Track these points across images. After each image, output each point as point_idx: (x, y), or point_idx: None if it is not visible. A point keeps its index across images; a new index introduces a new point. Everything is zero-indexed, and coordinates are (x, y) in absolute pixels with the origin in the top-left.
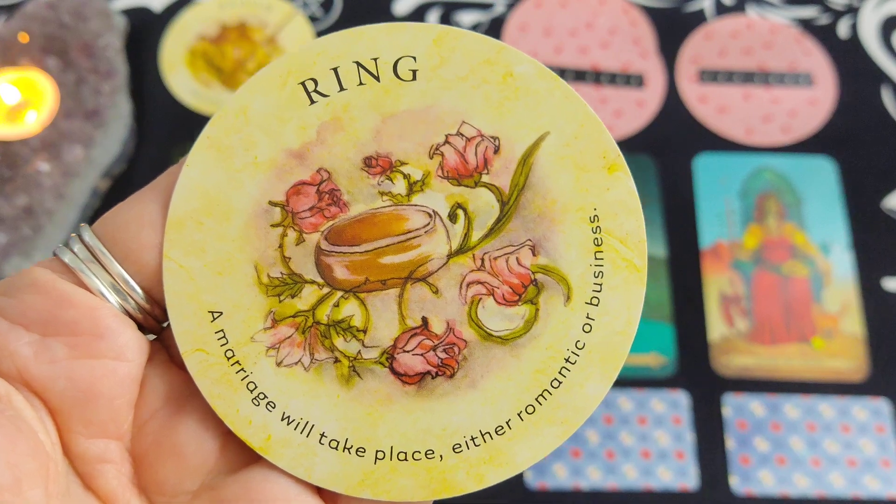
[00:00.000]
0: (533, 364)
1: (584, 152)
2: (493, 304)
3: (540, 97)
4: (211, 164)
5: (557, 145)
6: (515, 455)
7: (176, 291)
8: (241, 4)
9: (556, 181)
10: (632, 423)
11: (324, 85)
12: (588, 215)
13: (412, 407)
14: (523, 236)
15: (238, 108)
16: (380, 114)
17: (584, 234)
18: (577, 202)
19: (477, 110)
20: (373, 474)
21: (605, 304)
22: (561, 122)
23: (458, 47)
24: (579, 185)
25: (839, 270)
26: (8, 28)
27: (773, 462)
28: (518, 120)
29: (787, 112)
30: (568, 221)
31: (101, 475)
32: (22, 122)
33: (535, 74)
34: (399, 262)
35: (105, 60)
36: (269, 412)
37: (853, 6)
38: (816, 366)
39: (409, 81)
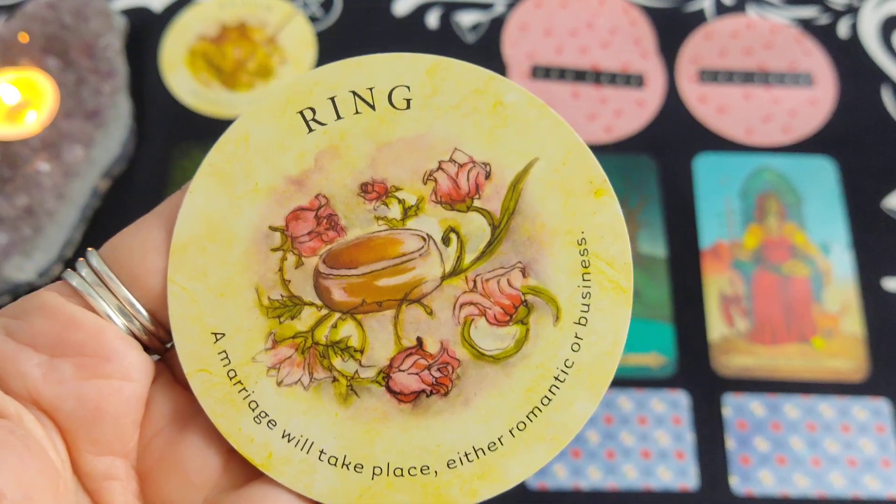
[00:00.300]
0: (524, 383)
1: (572, 178)
2: (486, 325)
3: (529, 124)
4: (213, 190)
5: (546, 171)
6: (507, 471)
7: (180, 314)
8: (242, 4)
9: (545, 206)
10: (632, 423)
11: (321, 114)
12: (576, 238)
13: (408, 424)
14: (514, 259)
15: (239, 136)
16: (375, 141)
17: (572, 256)
18: (566, 226)
19: (468, 138)
20: (370, 490)
21: (592, 324)
22: (549, 149)
23: (449, 77)
24: (567, 209)
25: (839, 270)
26: (8, 28)
27: (773, 462)
28: (508, 147)
29: (788, 112)
30: (556, 244)
31: (107, 492)
32: (22, 122)
33: (524, 103)
34: (394, 284)
35: (105, 60)
36: (270, 430)
37: (853, 6)
38: (816, 366)
39: (404, 110)
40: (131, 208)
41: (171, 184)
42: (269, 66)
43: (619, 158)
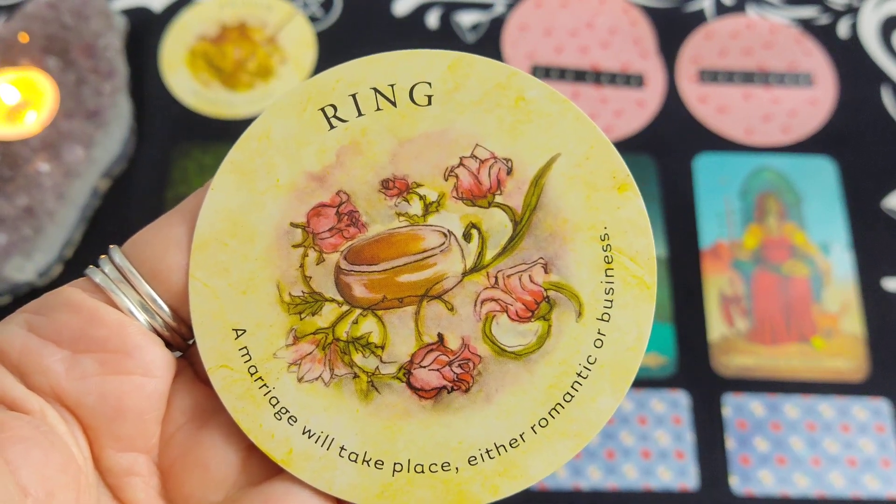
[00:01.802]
0: (546, 379)
1: (595, 172)
2: (507, 321)
3: (551, 120)
4: (235, 187)
5: (568, 166)
6: (529, 467)
7: (201, 310)
8: (242, 4)
9: (567, 201)
10: (632, 423)
11: (343, 111)
12: (599, 234)
13: (429, 421)
14: (535, 255)
15: (260, 132)
16: (396, 138)
17: (595, 252)
18: (588, 221)
19: (490, 133)
20: (391, 486)
21: (615, 320)
22: (571, 144)
23: (471, 73)
24: (590, 204)
25: (839, 270)
26: (8, 28)
27: (773, 462)
28: (530, 142)
29: (787, 112)
30: (579, 240)
31: (129, 487)
32: (22, 123)
33: (547, 98)
34: (416, 280)
35: (105, 60)
36: (290, 426)
37: (853, 6)
38: (816, 366)
39: (425, 106)
40: (131, 208)
41: (171, 184)
42: (270, 66)
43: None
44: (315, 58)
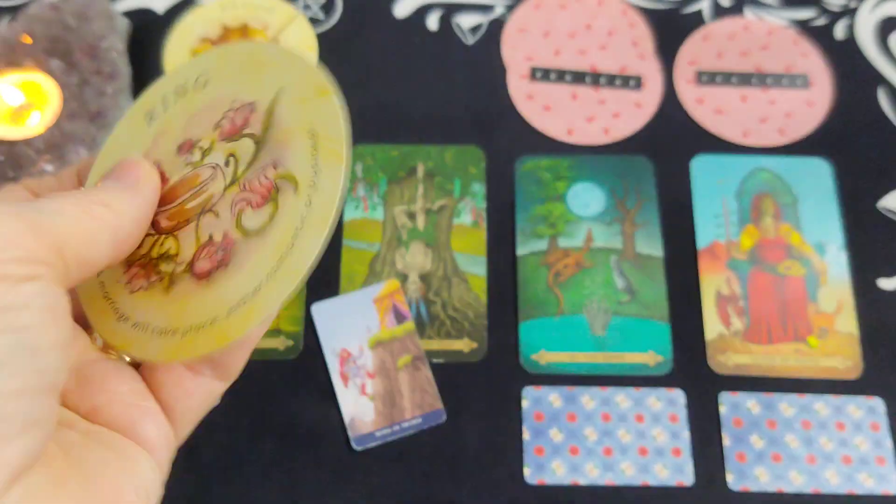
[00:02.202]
0: (275, 241)
1: (305, 90)
2: (251, 211)
3: (282, 69)
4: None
5: (289, 94)
6: (266, 303)
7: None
8: (243, 6)
9: (288, 116)
10: (629, 421)
11: (157, 111)
12: (308, 130)
13: (205, 294)
14: (269, 160)
15: (110, 142)
16: (187, 115)
17: (305, 143)
18: (301, 124)
19: (242, 89)
20: (182, 344)
21: (320, 185)
22: (293, 79)
23: (233, 55)
24: (302, 112)
25: (834, 270)
26: (12, 29)
27: (768, 459)
28: (265, 87)
29: (784, 113)
30: (296, 139)
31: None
32: (26, 124)
33: (279, 54)
34: (196, 203)
35: (108, 62)
36: (124, 323)
37: (850, 8)
38: (812, 364)
39: (203, 88)
40: None
41: None
42: None
43: (617, 159)
44: (316, 59)
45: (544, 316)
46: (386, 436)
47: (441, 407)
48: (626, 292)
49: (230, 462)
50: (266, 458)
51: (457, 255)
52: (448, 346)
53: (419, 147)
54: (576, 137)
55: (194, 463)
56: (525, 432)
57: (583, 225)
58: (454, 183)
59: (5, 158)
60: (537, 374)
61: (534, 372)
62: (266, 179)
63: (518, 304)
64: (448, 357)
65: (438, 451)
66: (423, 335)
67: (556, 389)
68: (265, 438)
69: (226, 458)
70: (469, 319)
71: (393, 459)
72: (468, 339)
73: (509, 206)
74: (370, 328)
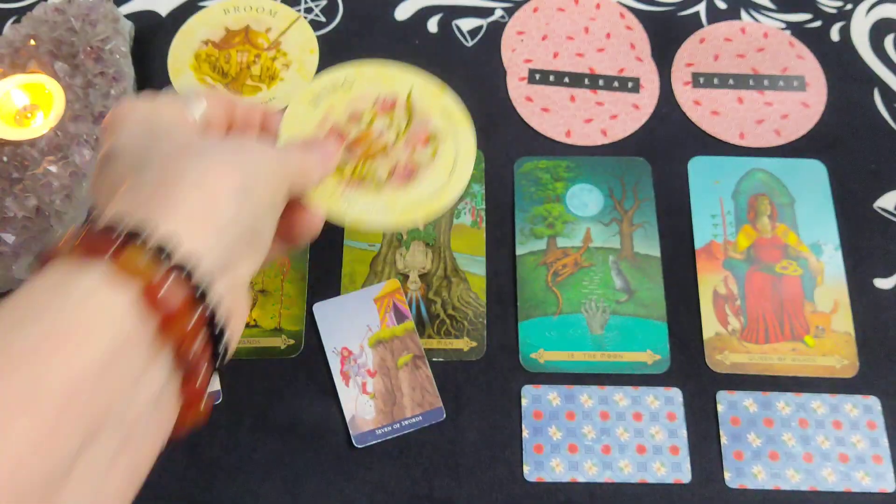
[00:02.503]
0: (443, 165)
1: (428, 87)
2: (419, 150)
3: (404, 76)
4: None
5: (419, 90)
6: (449, 198)
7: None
8: (246, 9)
9: (422, 102)
10: (627, 419)
11: (320, 98)
12: (440, 110)
13: (405, 193)
14: (420, 124)
15: (287, 116)
16: (346, 100)
17: (442, 116)
18: (435, 107)
19: (381, 89)
20: (398, 219)
21: (460, 137)
22: (416, 81)
23: (366, 68)
24: (432, 100)
25: (831, 270)
26: (17, 32)
27: (765, 457)
28: (398, 87)
29: (780, 115)
30: (435, 114)
31: None
32: (31, 125)
33: (400, 67)
34: (380, 146)
35: (113, 64)
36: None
37: (845, 11)
38: (808, 363)
39: (350, 88)
40: None
41: None
42: (274, 71)
43: (615, 160)
44: (318, 62)
45: (543, 315)
46: (386, 433)
47: (441, 405)
48: (624, 292)
49: (232, 459)
50: (268, 455)
51: (457, 254)
52: (448, 344)
53: None
54: (574, 139)
55: (197, 460)
56: (524, 430)
57: (581, 225)
58: None
59: (9, 159)
60: (536, 372)
61: (533, 370)
62: (424, 133)
63: (517, 304)
64: (448, 356)
65: (438, 449)
66: (423, 334)
67: (555, 388)
68: (267, 436)
69: (228, 455)
70: (469, 318)
71: (393, 457)
72: (468, 338)
73: (508, 206)
74: (371, 327)
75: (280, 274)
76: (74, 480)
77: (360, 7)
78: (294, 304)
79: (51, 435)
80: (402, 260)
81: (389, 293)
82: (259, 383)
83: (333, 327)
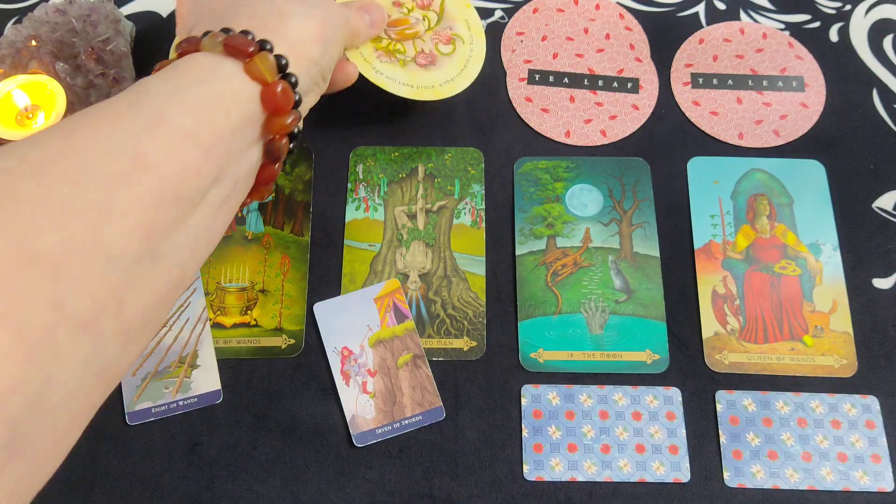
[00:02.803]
0: (459, 58)
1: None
2: (442, 45)
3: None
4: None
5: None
6: (460, 84)
7: None
8: None
9: (453, 8)
10: (626, 419)
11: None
12: (464, 20)
13: (425, 73)
14: (446, 25)
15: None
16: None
17: (464, 24)
18: (461, 14)
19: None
20: (416, 92)
21: (475, 41)
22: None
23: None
24: (460, 9)
25: (829, 270)
26: (18, 32)
27: (764, 457)
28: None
29: (779, 115)
30: (459, 21)
31: None
32: (32, 126)
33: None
34: (412, 32)
35: (114, 65)
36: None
37: (844, 11)
38: (807, 363)
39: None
40: None
41: None
42: None
43: (615, 160)
44: None
45: (543, 315)
46: (386, 433)
47: (441, 404)
48: (623, 292)
49: (233, 459)
50: (268, 454)
51: (456, 254)
52: (448, 344)
53: (419, 149)
54: (574, 139)
55: (198, 459)
56: (524, 429)
57: (581, 225)
58: (454, 184)
59: None
60: (536, 372)
61: (532, 370)
62: (448, 33)
63: (517, 304)
64: (448, 355)
65: (438, 448)
66: (423, 334)
67: (555, 387)
68: (267, 436)
69: (229, 454)
70: (468, 318)
71: (393, 456)
72: (467, 337)
73: (508, 206)
74: (371, 327)
75: (280, 274)
76: (202, 207)
77: None
78: (294, 304)
79: (202, 163)
80: (402, 260)
81: (389, 293)
82: (259, 383)
83: (334, 327)
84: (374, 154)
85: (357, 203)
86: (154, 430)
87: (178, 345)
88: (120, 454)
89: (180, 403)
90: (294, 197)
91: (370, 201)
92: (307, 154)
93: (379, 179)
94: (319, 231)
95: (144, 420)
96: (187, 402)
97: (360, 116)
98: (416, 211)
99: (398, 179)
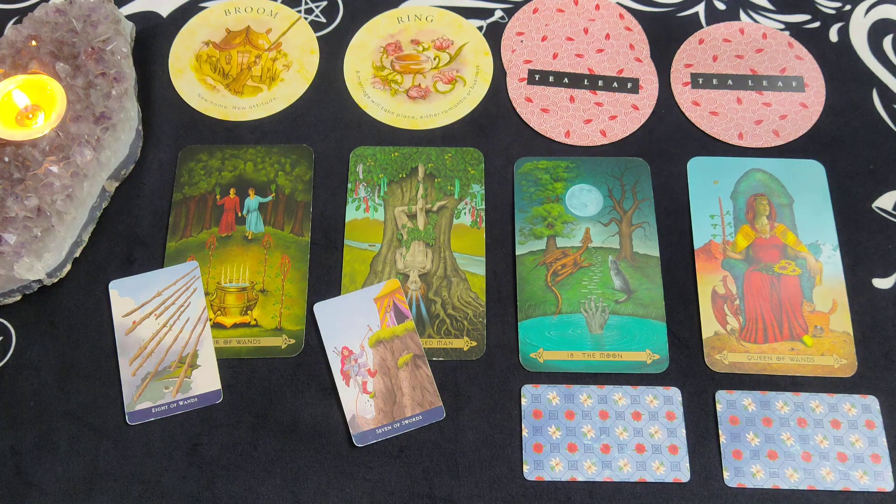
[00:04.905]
0: (453, 98)
1: (477, 47)
2: (441, 84)
3: (467, 35)
4: None
5: (471, 46)
6: (445, 119)
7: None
8: (246, 10)
9: (466, 57)
10: (626, 419)
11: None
12: (475, 66)
13: (410, 106)
14: (455, 67)
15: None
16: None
17: (473, 70)
18: (474, 61)
19: (448, 33)
20: (394, 120)
21: (477, 84)
22: (470, 38)
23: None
24: (474, 59)
25: (829, 270)
26: (18, 33)
27: (764, 456)
28: (459, 37)
29: (779, 115)
30: (469, 66)
31: None
32: (32, 126)
33: (470, 27)
34: (416, 68)
35: (114, 65)
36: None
37: (844, 11)
38: (807, 363)
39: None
40: (139, 209)
41: (177, 185)
42: (274, 71)
43: (615, 161)
44: (318, 62)
45: (543, 315)
46: (386, 433)
47: (441, 404)
48: (623, 292)
49: (233, 458)
50: (268, 454)
51: (456, 254)
52: (448, 344)
53: (419, 149)
54: (573, 139)
55: (198, 459)
56: (524, 429)
57: (580, 225)
58: (454, 184)
59: (11, 159)
60: (536, 372)
61: (532, 370)
62: (452, 74)
63: (517, 304)
64: (448, 355)
65: (438, 448)
66: (423, 334)
67: (555, 387)
68: (267, 435)
69: (229, 454)
70: (468, 318)
71: (393, 456)
72: (468, 337)
73: (508, 206)
74: (371, 327)
75: (281, 274)
76: None
77: (361, 8)
78: (295, 304)
79: None
80: (402, 260)
81: (389, 293)
82: (259, 383)
83: (334, 327)
84: (374, 154)
85: (357, 203)
86: (154, 430)
87: (178, 345)
88: (120, 454)
89: (180, 403)
90: (294, 197)
91: (370, 201)
92: (307, 154)
93: (379, 179)
94: (319, 231)
95: (144, 420)
96: (187, 402)
97: (360, 115)
98: (416, 211)
99: (398, 179)
